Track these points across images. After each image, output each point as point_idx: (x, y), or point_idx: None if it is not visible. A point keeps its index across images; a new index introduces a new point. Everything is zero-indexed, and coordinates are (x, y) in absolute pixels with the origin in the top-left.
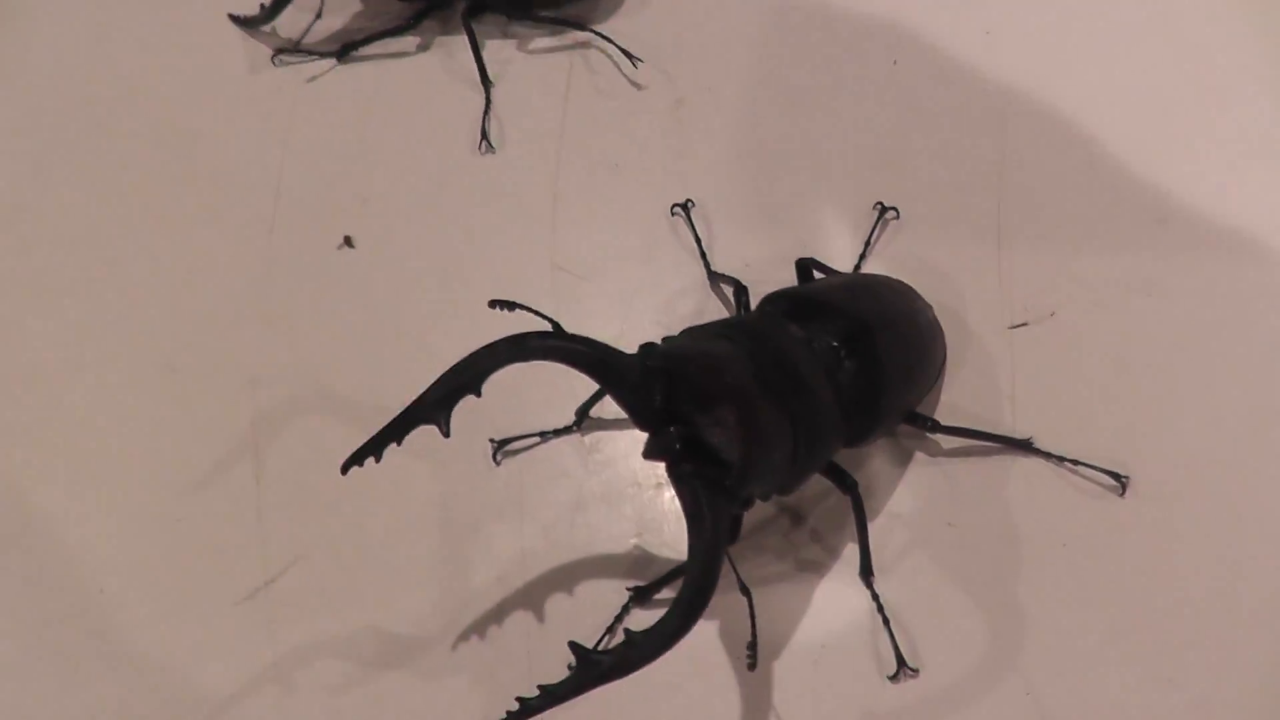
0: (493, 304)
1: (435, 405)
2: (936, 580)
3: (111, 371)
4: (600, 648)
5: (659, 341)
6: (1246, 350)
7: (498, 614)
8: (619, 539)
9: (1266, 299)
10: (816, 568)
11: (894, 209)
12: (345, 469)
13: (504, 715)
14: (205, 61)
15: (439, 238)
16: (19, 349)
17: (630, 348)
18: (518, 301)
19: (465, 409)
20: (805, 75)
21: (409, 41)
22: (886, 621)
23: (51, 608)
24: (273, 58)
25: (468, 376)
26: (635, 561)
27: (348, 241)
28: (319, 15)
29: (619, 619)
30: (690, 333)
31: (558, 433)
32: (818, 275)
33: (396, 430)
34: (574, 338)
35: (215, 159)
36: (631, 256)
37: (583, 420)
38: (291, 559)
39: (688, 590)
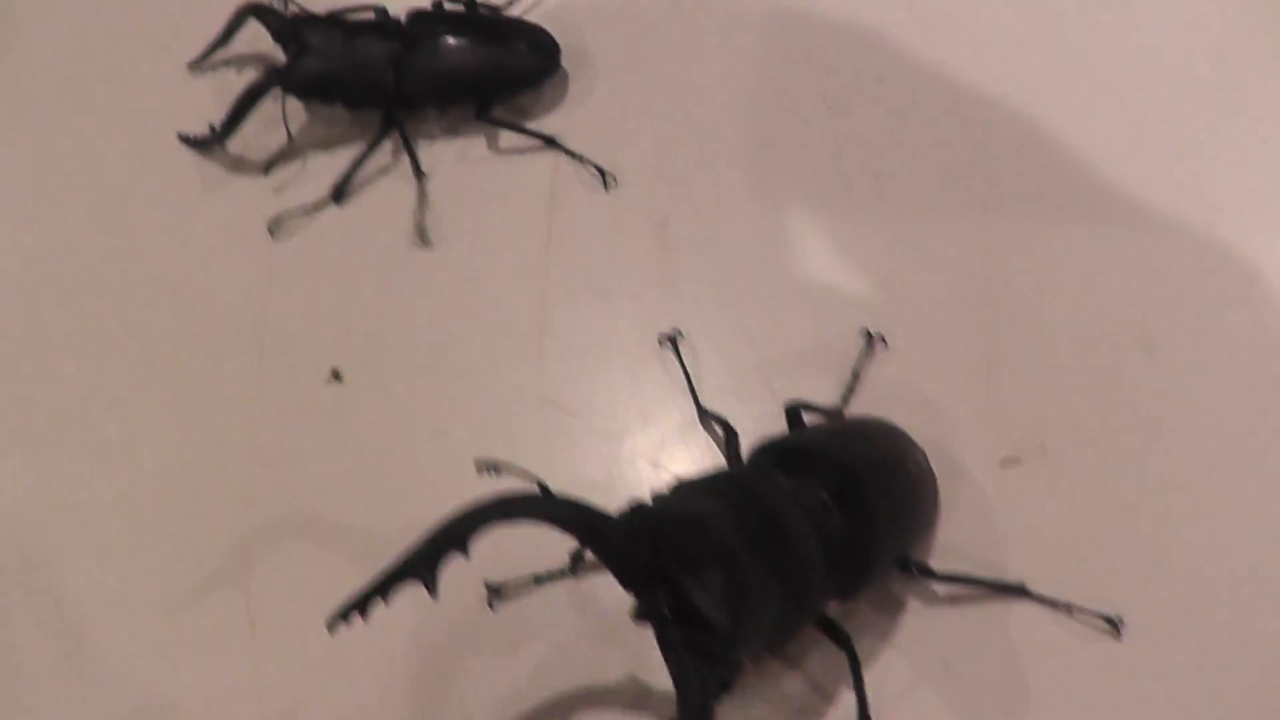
0: (479, 466)
1: (422, 564)
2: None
3: (98, 513)
4: None
5: (648, 497)
6: (1239, 486)
7: None
8: (614, 680)
9: (1260, 431)
10: (813, 715)
11: (882, 337)
12: (331, 628)
13: None
14: (186, 190)
15: (427, 369)
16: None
17: (621, 491)
18: (502, 461)
19: None
20: (789, 193)
21: (387, 159)
22: None
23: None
24: (270, 229)
25: (453, 538)
26: (630, 702)
27: (335, 375)
28: (290, 138)
29: None
30: (678, 489)
31: (552, 577)
32: (807, 419)
33: (382, 587)
34: (559, 501)
35: (198, 291)
36: (620, 389)
37: (577, 565)
38: (289, 707)
39: None
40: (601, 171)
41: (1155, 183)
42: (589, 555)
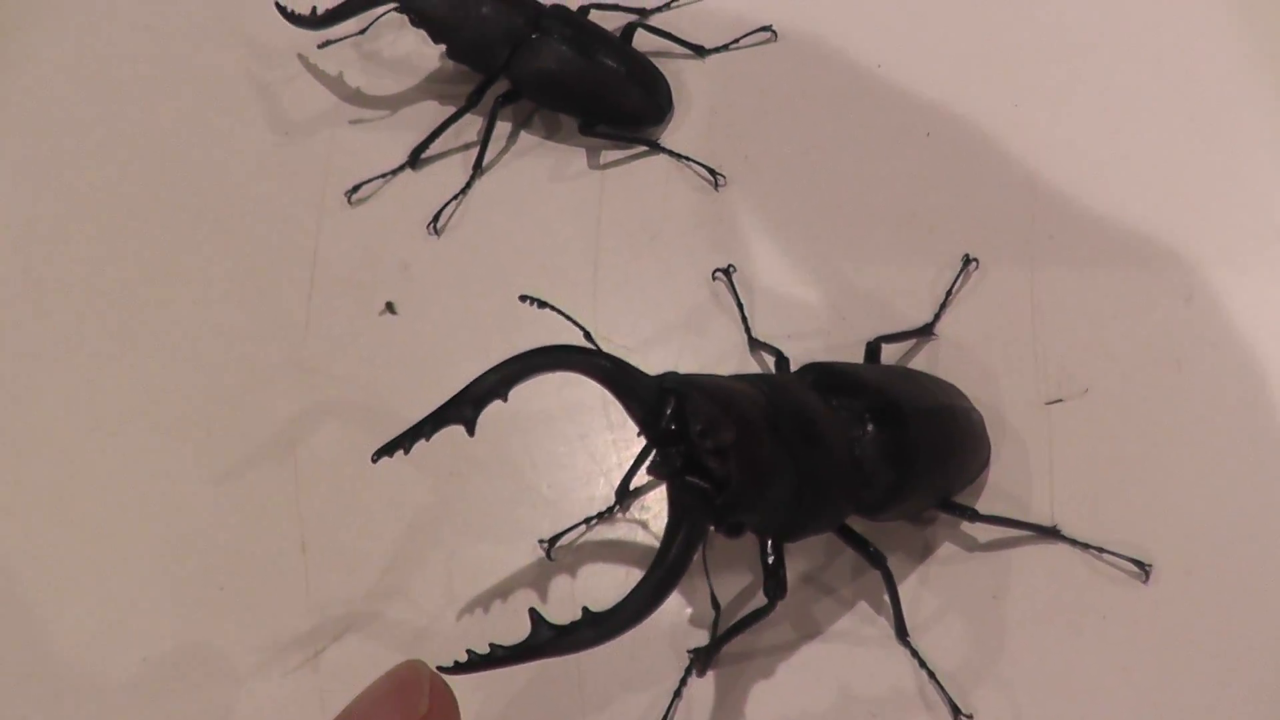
0: (523, 299)
1: (466, 406)
2: (973, 640)
3: (151, 441)
4: (668, 716)
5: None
6: (1270, 428)
7: (546, 678)
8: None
9: None
10: (857, 638)
11: (976, 260)
12: (376, 458)
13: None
14: (239, 126)
15: (482, 305)
16: (55, 422)
17: None
18: (548, 302)
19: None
20: (841, 147)
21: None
22: (932, 674)
23: (93, 681)
24: (349, 195)
25: (498, 380)
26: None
27: (389, 307)
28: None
29: (683, 682)
30: (716, 375)
31: (601, 517)
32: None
33: (427, 427)
34: (595, 354)
35: (250, 227)
36: (675, 325)
37: (623, 498)
38: (341, 629)
39: (645, 590)
40: (712, 172)
41: (1195, 145)
42: (632, 488)
